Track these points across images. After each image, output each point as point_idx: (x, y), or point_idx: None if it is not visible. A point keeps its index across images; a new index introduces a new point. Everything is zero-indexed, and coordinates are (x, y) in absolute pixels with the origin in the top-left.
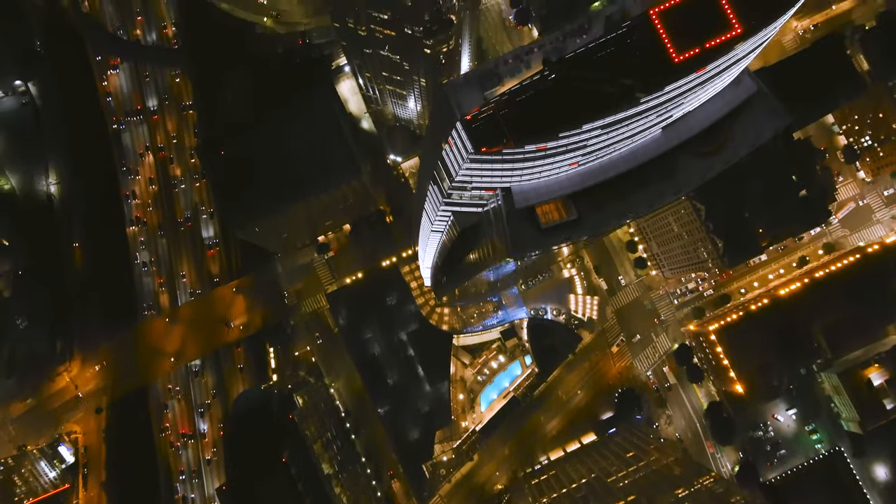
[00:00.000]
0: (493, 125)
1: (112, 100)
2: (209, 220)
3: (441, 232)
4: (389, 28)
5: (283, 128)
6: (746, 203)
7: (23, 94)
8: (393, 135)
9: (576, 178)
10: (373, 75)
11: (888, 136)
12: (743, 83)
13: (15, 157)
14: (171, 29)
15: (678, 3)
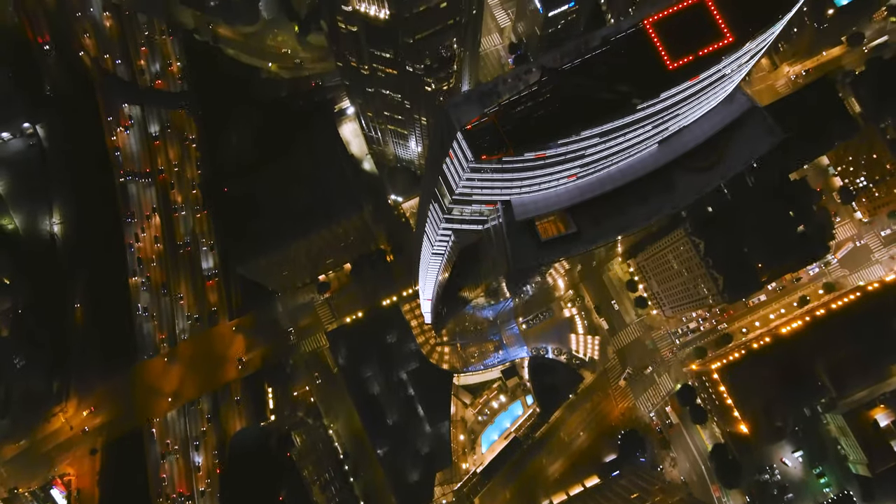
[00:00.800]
0: (492, 134)
1: (120, 154)
2: (209, 252)
3: (442, 255)
4: (391, 67)
5: (286, 165)
6: (745, 238)
7: (30, 136)
8: (394, 175)
9: (574, 191)
10: (375, 115)
11: (883, 177)
12: (737, 100)
13: (20, 197)
14: (175, 65)
15: (671, 13)
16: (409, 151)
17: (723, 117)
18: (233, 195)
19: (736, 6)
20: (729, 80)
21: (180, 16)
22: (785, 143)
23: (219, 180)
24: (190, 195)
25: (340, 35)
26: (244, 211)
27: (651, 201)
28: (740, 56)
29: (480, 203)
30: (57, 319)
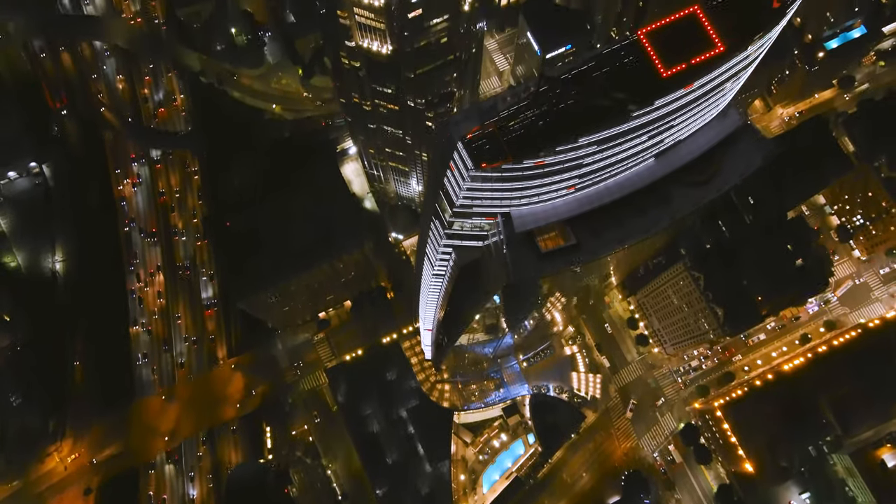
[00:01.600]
0: (492, 142)
1: (126, 205)
2: (209, 282)
3: (443, 276)
4: (393, 102)
5: (288, 201)
6: (744, 272)
7: (36, 175)
8: (395, 213)
9: (573, 203)
10: (376, 152)
11: (879, 215)
12: (730, 116)
13: (23, 235)
14: (181, 107)
15: (664, 24)
16: (409, 189)
17: (717, 132)
18: (235, 230)
19: (726, 18)
20: (722, 93)
21: (186, 59)
22: (780, 181)
23: (221, 214)
24: (191, 223)
25: (343, 71)
26: (246, 246)
27: (649, 214)
28: (732, 66)
29: (481, 216)
30: (55, 357)
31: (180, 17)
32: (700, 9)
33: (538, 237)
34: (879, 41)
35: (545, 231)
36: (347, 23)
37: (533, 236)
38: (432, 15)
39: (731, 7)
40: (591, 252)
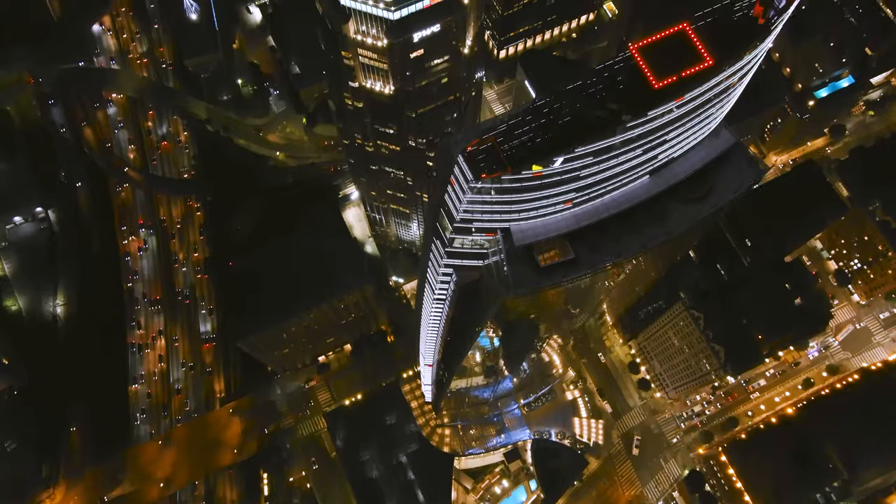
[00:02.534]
0: (491, 154)
1: (130, 261)
2: (208, 316)
3: (443, 300)
4: (395, 143)
5: (290, 243)
6: (743, 311)
7: (42, 220)
8: (395, 258)
9: (571, 219)
10: (378, 194)
11: (876, 258)
12: (722, 136)
13: (26, 279)
14: (182, 132)
15: (654, 40)
16: (410, 232)
17: (709, 151)
18: (237, 271)
19: (714, 34)
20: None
21: (193, 108)
22: (776, 225)
23: (223, 255)
24: (191, 255)
25: (347, 112)
26: (247, 286)
27: (645, 230)
28: (721, 81)
29: (481, 231)
30: (52, 402)
31: (188, 68)
32: (689, 26)
33: (537, 252)
34: (867, 91)
35: (544, 246)
36: (352, 63)
37: (532, 252)
38: (433, 56)
39: (718, 24)
40: (589, 265)
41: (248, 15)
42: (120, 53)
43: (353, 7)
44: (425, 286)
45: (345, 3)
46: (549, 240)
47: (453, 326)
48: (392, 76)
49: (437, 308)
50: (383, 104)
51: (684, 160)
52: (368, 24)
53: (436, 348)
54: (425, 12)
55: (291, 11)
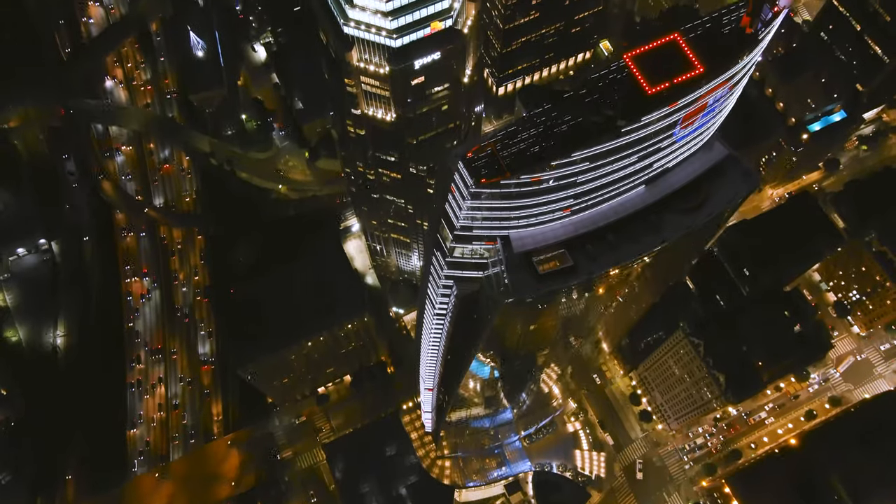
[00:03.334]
0: (491, 160)
1: (132, 299)
2: (207, 338)
3: (444, 315)
4: (396, 171)
5: (291, 272)
6: (743, 337)
7: (45, 252)
8: (396, 289)
9: (569, 226)
10: (379, 223)
11: (874, 289)
12: (715, 148)
13: (27, 311)
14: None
15: (647, 49)
16: (410, 262)
17: (703, 162)
18: (238, 299)
19: (705, 44)
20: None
21: (197, 143)
22: (775, 256)
23: (224, 282)
24: (193, 282)
25: (349, 140)
26: (248, 313)
27: (641, 238)
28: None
29: (481, 239)
30: (49, 435)
31: (193, 102)
32: (680, 36)
33: (536, 260)
34: (860, 127)
35: (543, 254)
36: (354, 91)
37: (531, 260)
38: (434, 83)
39: (708, 35)
40: (587, 273)
41: (252, 53)
42: (126, 89)
43: (357, 35)
44: (426, 302)
45: (348, 32)
46: (547, 247)
47: (453, 344)
48: (393, 103)
49: (437, 324)
50: (385, 131)
51: (679, 170)
52: (371, 52)
53: (436, 369)
54: (426, 40)
55: (295, 50)
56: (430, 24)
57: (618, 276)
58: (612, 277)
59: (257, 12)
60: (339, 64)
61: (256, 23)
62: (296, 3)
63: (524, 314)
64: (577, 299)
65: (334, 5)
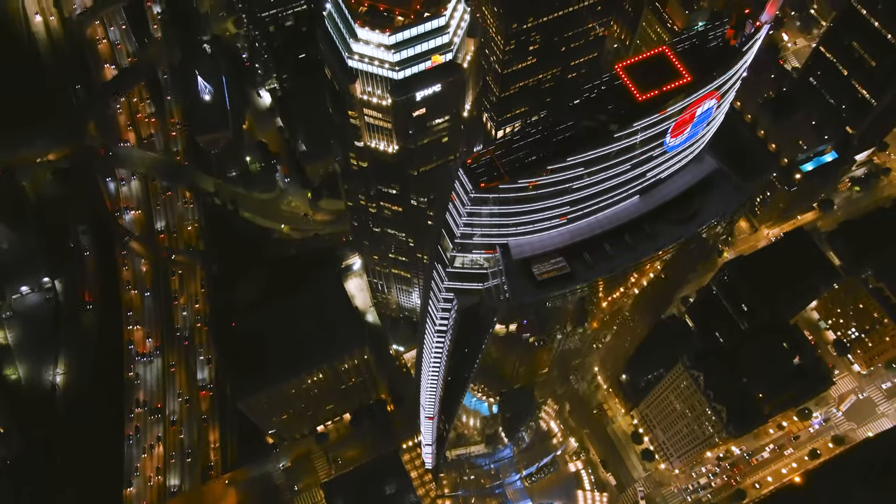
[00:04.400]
0: (490, 166)
1: (133, 349)
2: (206, 364)
3: (444, 332)
4: (397, 203)
5: (292, 306)
6: (743, 369)
7: (48, 290)
8: (396, 326)
9: (566, 234)
10: (380, 258)
11: (872, 326)
12: (706, 161)
13: (28, 349)
14: (193, 226)
15: (637, 60)
16: (411, 299)
17: (694, 175)
18: (239, 331)
19: (691, 56)
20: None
21: (202, 183)
22: (773, 293)
23: (226, 316)
24: (194, 308)
25: (352, 173)
26: (249, 346)
27: (635, 247)
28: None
29: (481, 248)
30: (44, 473)
31: (200, 144)
32: (668, 49)
33: (535, 268)
34: (851, 167)
35: (541, 261)
36: (357, 123)
37: (530, 267)
38: (434, 115)
39: (695, 48)
40: (584, 279)
41: (258, 99)
42: (134, 132)
43: (360, 68)
44: (426, 321)
45: (352, 65)
46: (545, 254)
47: (453, 363)
48: (395, 134)
49: (438, 342)
50: (386, 163)
51: (672, 182)
52: (374, 85)
53: (437, 393)
54: (427, 73)
55: (299, 95)
56: (431, 57)
57: (609, 308)
58: (604, 309)
59: (263, 60)
60: (343, 96)
61: (262, 70)
62: (300, 50)
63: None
64: (571, 333)
65: (339, 40)
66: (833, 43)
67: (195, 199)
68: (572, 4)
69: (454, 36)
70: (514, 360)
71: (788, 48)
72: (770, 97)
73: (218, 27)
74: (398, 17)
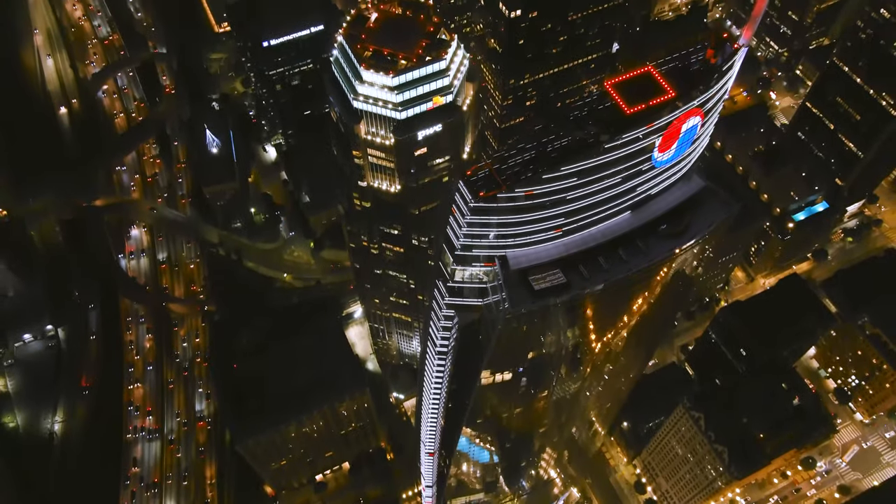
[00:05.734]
0: (488, 177)
1: (133, 409)
2: (204, 397)
3: (445, 353)
4: (398, 244)
5: (293, 350)
6: (743, 410)
7: (51, 338)
8: (396, 373)
9: (561, 247)
10: (381, 301)
11: (872, 373)
12: (693, 180)
13: (27, 397)
14: (198, 277)
15: (624, 78)
16: (411, 346)
17: (682, 192)
18: (240, 374)
19: (675, 75)
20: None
21: (207, 234)
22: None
23: (227, 359)
24: (193, 342)
25: (355, 213)
26: (250, 389)
27: (628, 259)
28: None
29: (480, 260)
30: None
31: (206, 195)
32: (653, 69)
33: (532, 279)
34: (843, 217)
35: (537, 272)
36: (361, 163)
37: (527, 278)
38: (435, 154)
39: (678, 68)
40: (579, 288)
41: (263, 153)
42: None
43: (365, 109)
44: (427, 344)
45: (357, 107)
46: (542, 265)
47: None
48: (398, 173)
49: (439, 366)
50: (389, 203)
51: (661, 199)
52: (378, 126)
53: (438, 423)
54: (428, 114)
55: (304, 150)
56: (433, 98)
57: (602, 352)
58: (596, 354)
59: (269, 117)
60: (348, 137)
61: (268, 126)
62: (305, 108)
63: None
64: (566, 379)
65: (345, 82)
66: (819, 99)
67: (200, 249)
68: (567, 62)
69: (454, 79)
70: (511, 408)
71: (777, 106)
72: (760, 150)
73: (227, 86)
74: (401, 60)
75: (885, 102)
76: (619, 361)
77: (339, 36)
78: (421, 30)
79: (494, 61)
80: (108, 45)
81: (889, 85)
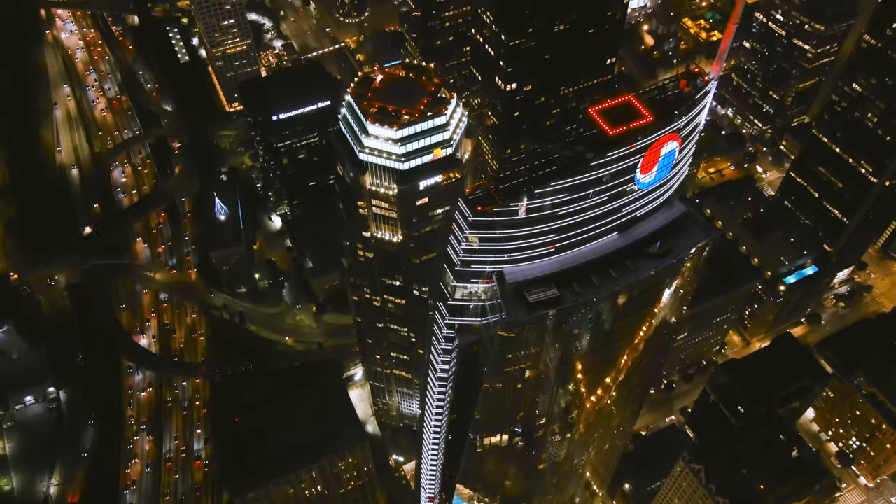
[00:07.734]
0: (486, 194)
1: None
2: (201, 437)
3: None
4: (400, 296)
5: (294, 406)
6: (742, 461)
7: (52, 401)
8: (396, 436)
9: (555, 263)
10: (382, 357)
11: (872, 433)
12: (675, 206)
13: (25, 459)
14: (200, 340)
15: (606, 105)
16: (412, 406)
17: (665, 217)
18: (241, 428)
19: (653, 102)
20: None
21: (212, 300)
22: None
23: (227, 413)
24: (194, 383)
25: (358, 265)
26: (250, 442)
27: (617, 276)
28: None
29: (478, 276)
30: None
31: (212, 259)
32: (633, 97)
33: (527, 293)
34: (833, 282)
35: (532, 286)
36: (365, 213)
37: (522, 293)
38: (436, 204)
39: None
40: (571, 301)
41: (269, 222)
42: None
43: (370, 161)
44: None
45: (363, 158)
46: (536, 280)
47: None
48: (400, 223)
49: (440, 394)
50: (391, 253)
51: (647, 223)
52: (382, 177)
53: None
54: (429, 165)
55: (308, 218)
56: (434, 150)
57: (593, 408)
58: (588, 411)
59: (276, 188)
60: (353, 189)
61: (274, 197)
62: (311, 179)
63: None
64: (560, 439)
65: (351, 136)
66: (802, 169)
67: (203, 313)
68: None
69: (454, 133)
70: (509, 471)
71: (764, 179)
72: (749, 217)
73: (235, 161)
74: (404, 115)
75: (864, 170)
76: (610, 417)
77: (348, 94)
78: (423, 89)
79: (490, 132)
80: (123, 123)
81: (867, 153)
